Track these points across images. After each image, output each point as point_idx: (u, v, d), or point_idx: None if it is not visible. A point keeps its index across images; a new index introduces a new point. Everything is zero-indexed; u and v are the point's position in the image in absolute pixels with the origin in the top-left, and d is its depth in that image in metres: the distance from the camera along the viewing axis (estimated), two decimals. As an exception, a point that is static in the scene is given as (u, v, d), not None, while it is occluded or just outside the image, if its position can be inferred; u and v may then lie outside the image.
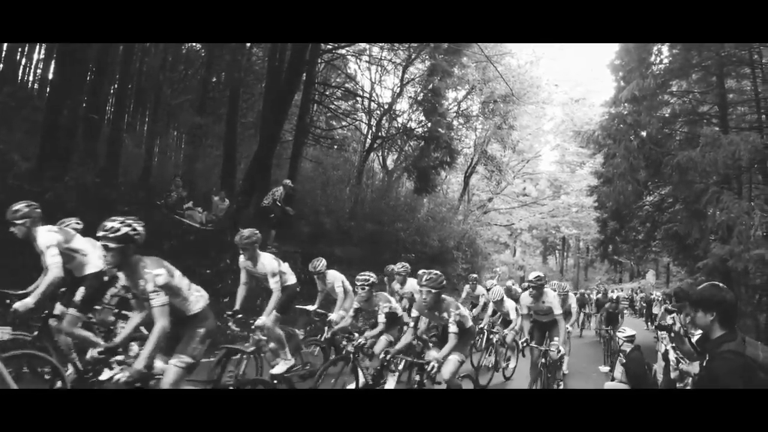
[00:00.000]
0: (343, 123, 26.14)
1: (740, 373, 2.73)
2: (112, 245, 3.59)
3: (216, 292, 8.39)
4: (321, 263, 7.98)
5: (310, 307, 8.12)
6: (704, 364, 3.05)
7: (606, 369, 7.95)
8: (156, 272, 3.69)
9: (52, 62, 17.87)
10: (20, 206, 5.16)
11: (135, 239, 3.70)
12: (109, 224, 3.62)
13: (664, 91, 17.67)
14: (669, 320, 6.49)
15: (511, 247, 42.30)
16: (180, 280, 4.06)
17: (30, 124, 13.24)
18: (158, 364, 3.90)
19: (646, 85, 16.28)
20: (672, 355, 5.12)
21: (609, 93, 20.42)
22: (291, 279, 6.84)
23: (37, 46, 19.57)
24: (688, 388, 4.86)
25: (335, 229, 18.08)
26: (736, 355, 2.79)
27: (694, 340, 4.55)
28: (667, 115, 18.01)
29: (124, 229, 3.63)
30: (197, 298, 4.25)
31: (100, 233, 3.59)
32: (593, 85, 34.24)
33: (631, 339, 7.41)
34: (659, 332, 6.35)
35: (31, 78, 19.75)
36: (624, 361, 6.71)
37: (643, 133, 17.17)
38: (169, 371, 3.86)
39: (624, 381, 6.48)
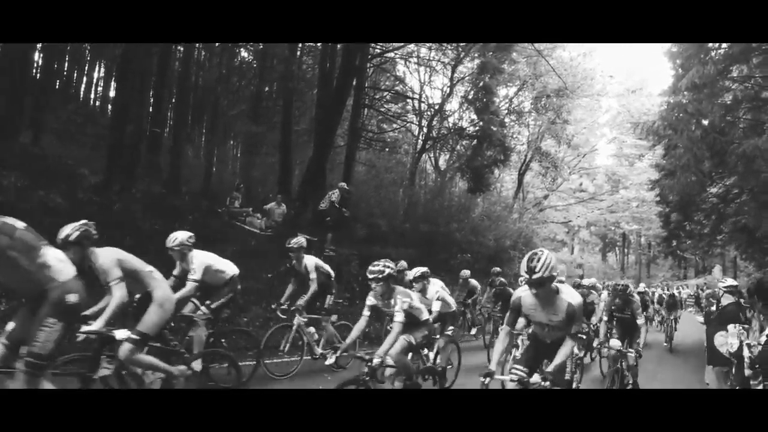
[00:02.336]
0: (394, 125, 26.26)
1: None
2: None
3: (276, 293, 8.68)
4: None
5: None
6: None
7: (701, 319, 7.88)
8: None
9: (112, 80, 18.78)
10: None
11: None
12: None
13: (725, 77, 16.94)
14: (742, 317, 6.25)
15: (568, 245, 41.44)
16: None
17: (95, 139, 13.94)
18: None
19: (706, 71, 15.65)
20: (746, 352, 4.93)
21: (667, 81, 19.75)
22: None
23: (96, 65, 20.61)
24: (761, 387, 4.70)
25: (390, 231, 18.20)
26: None
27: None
28: (729, 102, 17.27)
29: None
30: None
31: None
32: (650, 74, 33.23)
33: (731, 290, 6.82)
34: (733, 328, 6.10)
35: (92, 96, 20.80)
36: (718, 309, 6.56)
37: (705, 122, 16.52)
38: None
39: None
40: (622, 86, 34.24)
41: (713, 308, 7.36)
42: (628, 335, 7.67)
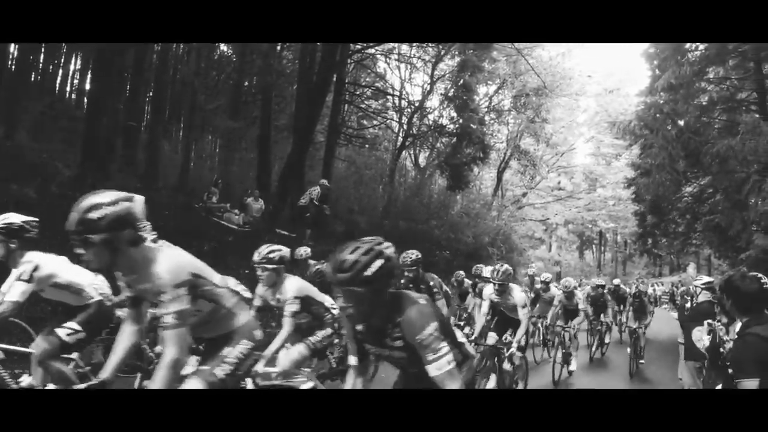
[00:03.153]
0: (375, 122, 26.25)
1: (758, 355, 2.82)
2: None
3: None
4: None
5: None
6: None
7: (675, 315, 7.85)
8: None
9: (88, 73, 18.45)
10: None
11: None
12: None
13: (701, 78, 17.21)
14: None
15: (546, 243, 41.78)
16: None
17: (69, 133, 13.71)
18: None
19: (682, 72, 15.90)
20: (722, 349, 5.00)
21: (644, 82, 19.99)
22: None
23: (73, 58, 20.25)
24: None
25: (369, 228, 18.17)
26: (758, 339, 2.87)
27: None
28: (704, 103, 17.54)
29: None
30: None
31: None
32: (628, 74, 33.57)
33: (708, 287, 6.90)
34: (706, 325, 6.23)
35: (68, 89, 20.42)
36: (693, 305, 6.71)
37: (681, 123, 16.77)
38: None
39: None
40: (600, 86, 34.60)
41: (687, 305, 7.50)
42: None
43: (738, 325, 4.43)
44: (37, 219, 4.25)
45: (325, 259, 6.87)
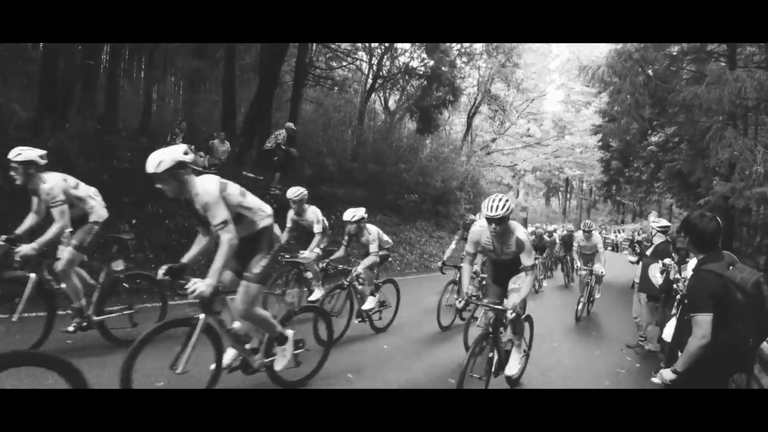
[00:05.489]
0: (344, 63, 25.75)
1: (712, 291, 2.95)
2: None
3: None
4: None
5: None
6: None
7: (634, 258, 8.12)
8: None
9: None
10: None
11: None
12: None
13: (673, 27, 17.15)
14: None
15: (514, 189, 42.37)
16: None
17: (26, 75, 13.10)
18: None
19: (654, 20, 15.80)
20: (678, 286, 5.16)
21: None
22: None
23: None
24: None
25: (338, 171, 18.10)
26: (712, 275, 3.00)
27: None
28: (674, 52, 17.58)
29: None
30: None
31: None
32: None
33: (663, 230, 7.27)
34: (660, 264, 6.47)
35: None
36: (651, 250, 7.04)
37: (650, 71, 16.82)
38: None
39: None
40: (573, 30, 34.43)
41: (648, 252, 7.74)
42: None
43: (690, 264, 4.61)
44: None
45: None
